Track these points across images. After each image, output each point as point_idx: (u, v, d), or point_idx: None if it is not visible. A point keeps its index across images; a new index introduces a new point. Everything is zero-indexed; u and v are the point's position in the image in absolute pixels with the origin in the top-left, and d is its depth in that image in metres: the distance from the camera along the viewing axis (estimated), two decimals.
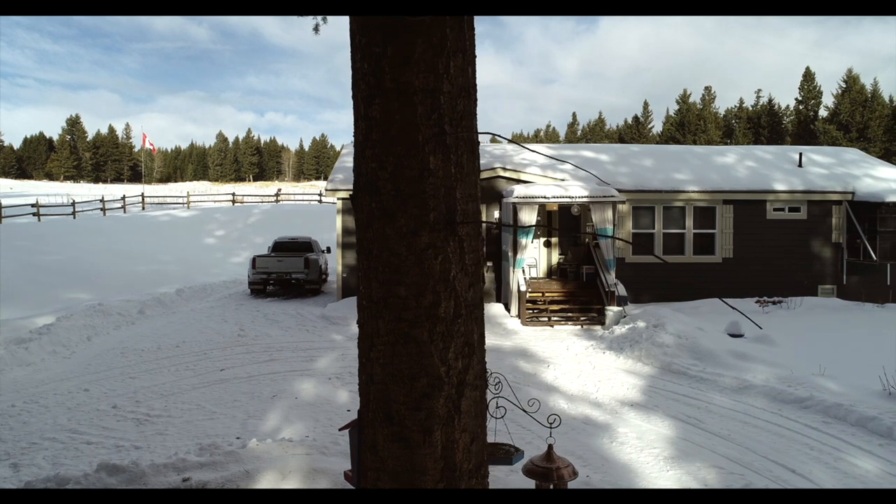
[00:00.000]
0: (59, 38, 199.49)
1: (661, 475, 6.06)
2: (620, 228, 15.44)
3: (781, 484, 5.87)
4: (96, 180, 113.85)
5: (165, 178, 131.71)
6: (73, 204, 31.12)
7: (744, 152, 18.13)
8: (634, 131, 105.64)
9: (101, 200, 33.84)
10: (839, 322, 12.72)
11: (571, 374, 9.55)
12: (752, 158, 17.30)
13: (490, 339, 11.92)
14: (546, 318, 13.47)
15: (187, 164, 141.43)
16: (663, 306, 14.66)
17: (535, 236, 16.03)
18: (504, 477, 5.40)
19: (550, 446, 3.08)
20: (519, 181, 15.19)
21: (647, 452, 6.62)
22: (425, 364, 2.30)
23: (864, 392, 7.95)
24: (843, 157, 17.79)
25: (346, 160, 17.02)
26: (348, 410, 7.81)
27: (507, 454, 3.37)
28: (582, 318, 13.47)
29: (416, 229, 2.25)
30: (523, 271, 13.89)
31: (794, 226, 15.70)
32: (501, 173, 15.26)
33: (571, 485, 3.07)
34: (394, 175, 2.26)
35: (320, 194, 42.88)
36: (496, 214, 15.26)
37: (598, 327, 12.87)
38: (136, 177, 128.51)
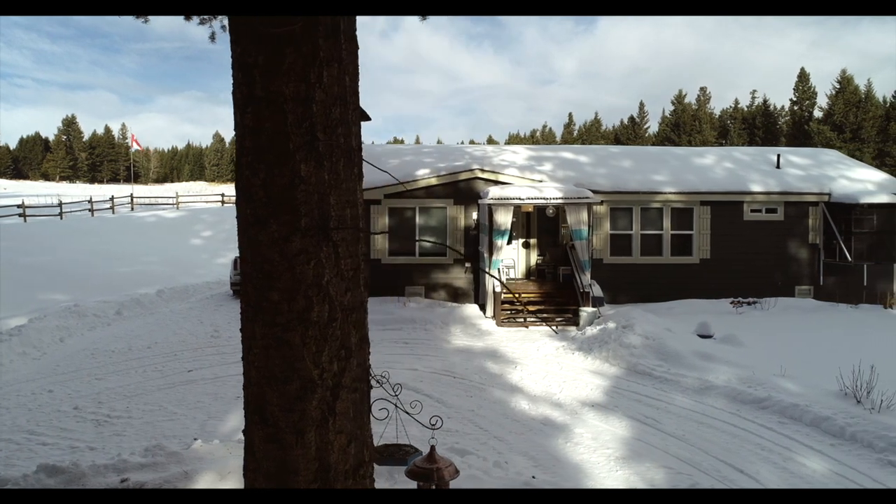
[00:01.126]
0: (57, 38, 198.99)
1: (610, 475, 6.12)
2: (598, 230, 15.51)
3: (727, 484, 5.93)
4: (92, 181, 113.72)
5: (162, 179, 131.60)
6: (61, 204, 31.06)
7: (723, 153, 18.21)
8: (630, 132, 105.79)
9: (89, 201, 33.79)
10: (811, 323, 12.80)
11: (538, 374, 9.60)
12: (730, 160, 17.37)
13: (462, 340, 12.01)
14: (522, 319, 13.52)
15: (184, 164, 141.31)
16: (640, 307, 14.73)
17: (514, 237, 16.09)
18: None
19: (433, 447, 3.13)
20: (497, 182, 15.25)
21: (599, 453, 6.67)
22: (298, 367, 2.34)
23: (822, 393, 8.02)
24: (820, 159, 17.89)
25: None
26: None
27: (404, 455, 3.41)
28: (558, 320, 13.52)
29: (288, 235, 2.30)
30: (499, 272, 13.95)
31: (771, 227, 15.78)
32: (479, 175, 15.32)
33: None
34: (265, 182, 2.30)
35: None
36: (474, 216, 15.32)
37: (572, 328, 12.93)
38: (132, 177, 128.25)
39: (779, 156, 17.06)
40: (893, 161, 78.50)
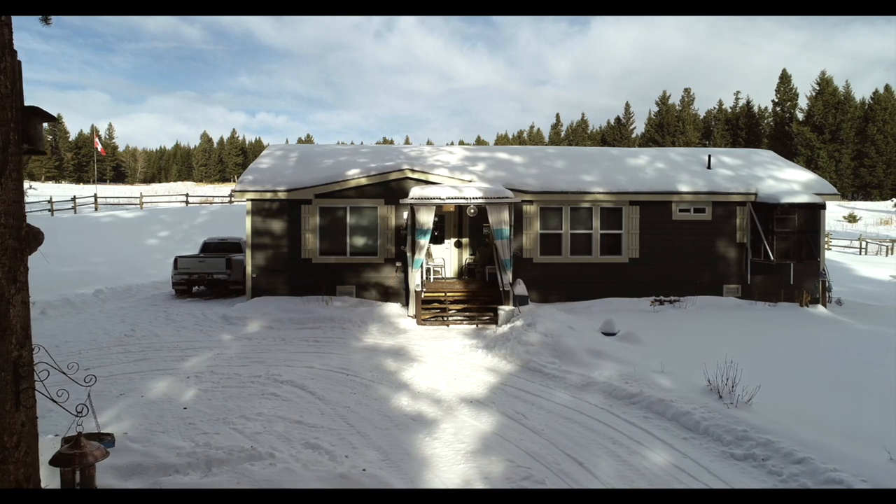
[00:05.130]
0: (48, 37, 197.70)
1: (450, 469, 6.21)
2: (528, 229, 15.65)
3: (560, 475, 6.04)
4: (78, 181, 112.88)
5: (150, 179, 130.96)
6: None
7: (657, 154, 18.43)
8: (617, 132, 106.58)
9: (49, 202, 33.55)
10: (720, 321, 13.00)
11: (432, 371, 9.70)
12: (663, 160, 17.59)
13: (374, 339, 12.10)
14: (444, 318, 13.63)
15: (172, 164, 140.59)
16: (568, 306, 14.92)
17: (445, 237, 16.21)
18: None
19: (79, 433, 3.29)
20: (427, 182, 15.36)
21: (452, 447, 6.77)
22: None
23: (691, 388, 8.18)
24: (752, 159, 18.15)
25: (263, 161, 17.08)
26: (185, 408, 7.90)
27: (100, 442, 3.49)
28: (483, 318, 13.65)
29: None
30: (428, 271, 14.06)
31: (699, 226, 16.00)
32: (410, 174, 15.42)
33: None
34: None
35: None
36: (405, 215, 15.40)
37: (492, 326, 13.04)
38: (118, 177, 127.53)
39: (710, 156, 17.30)
40: (872, 162, 79.81)
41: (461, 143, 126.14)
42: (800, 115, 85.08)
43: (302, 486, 5.04)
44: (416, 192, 13.66)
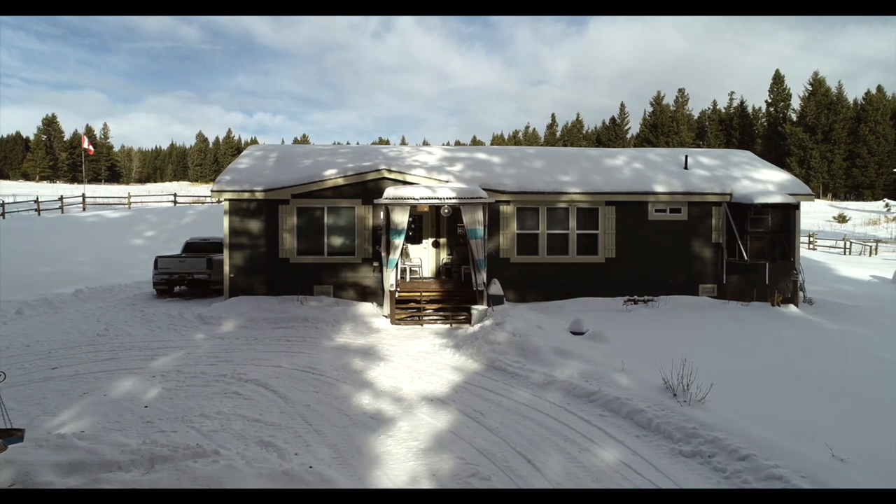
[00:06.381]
0: (45, 37, 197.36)
1: (399, 466, 6.28)
2: (505, 229, 15.74)
3: (508, 473, 6.11)
4: (72, 181, 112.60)
5: (145, 179, 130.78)
6: (3, 205, 30.79)
7: (636, 154, 18.53)
8: (611, 132, 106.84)
9: (36, 201, 33.49)
10: (690, 320, 13.10)
11: (397, 371, 9.77)
12: (641, 161, 17.70)
13: (346, 338, 12.17)
14: (419, 318, 13.70)
15: (167, 164, 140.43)
16: (544, 305, 15.01)
17: (423, 237, 16.28)
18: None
19: None
20: (405, 182, 15.42)
21: (405, 445, 6.84)
22: None
23: (647, 386, 8.27)
24: (729, 160, 18.27)
25: (242, 162, 17.11)
26: (146, 407, 7.95)
27: (6, 436, 3.53)
28: (458, 318, 13.72)
29: None
30: (405, 270, 14.13)
31: (675, 226, 16.11)
32: (387, 175, 15.49)
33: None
34: None
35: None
36: (382, 216, 15.46)
37: (466, 326, 13.13)
38: (114, 177, 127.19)
39: (686, 157, 17.41)
40: (864, 162, 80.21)
41: (457, 143, 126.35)
42: (793, 116, 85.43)
43: (241, 484, 5.11)
44: (390, 192, 13.73)
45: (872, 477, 5.73)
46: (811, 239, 39.27)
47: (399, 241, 13.65)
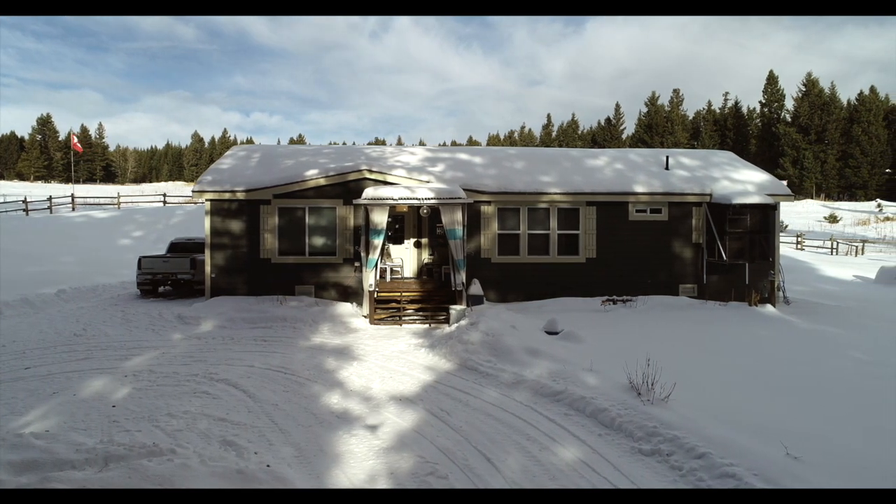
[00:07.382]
0: (42, 36, 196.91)
1: (359, 465, 6.32)
2: (486, 229, 15.80)
3: (466, 471, 6.15)
4: (67, 181, 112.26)
5: (140, 179, 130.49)
6: None
7: (617, 155, 18.62)
8: (607, 133, 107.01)
9: (24, 201, 33.42)
10: (666, 320, 13.18)
11: (370, 370, 9.81)
12: (623, 161, 17.78)
13: (322, 338, 12.20)
14: (399, 318, 13.75)
15: (163, 164, 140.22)
16: (525, 305, 15.07)
17: (404, 237, 16.32)
18: None
19: None
20: (385, 183, 15.47)
21: (367, 444, 6.88)
22: None
23: (613, 385, 8.32)
24: (710, 160, 18.38)
25: (224, 162, 17.13)
26: (113, 407, 7.97)
27: None
28: (438, 318, 13.78)
29: None
30: (385, 270, 14.17)
31: (655, 227, 16.20)
32: (368, 175, 15.53)
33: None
34: None
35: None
36: (362, 216, 15.50)
37: (444, 326, 13.18)
38: (109, 177, 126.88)
39: (668, 157, 17.50)
40: (857, 163, 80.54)
41: (454, 143, 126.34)
42: (787, 117, 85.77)
43: (194, 482, 5.15)
44: (369, 192, 13.77)
45: (823, 475, 5.80)
46: (799, 239, 39.45)
47: (378, 242, 13.70)
